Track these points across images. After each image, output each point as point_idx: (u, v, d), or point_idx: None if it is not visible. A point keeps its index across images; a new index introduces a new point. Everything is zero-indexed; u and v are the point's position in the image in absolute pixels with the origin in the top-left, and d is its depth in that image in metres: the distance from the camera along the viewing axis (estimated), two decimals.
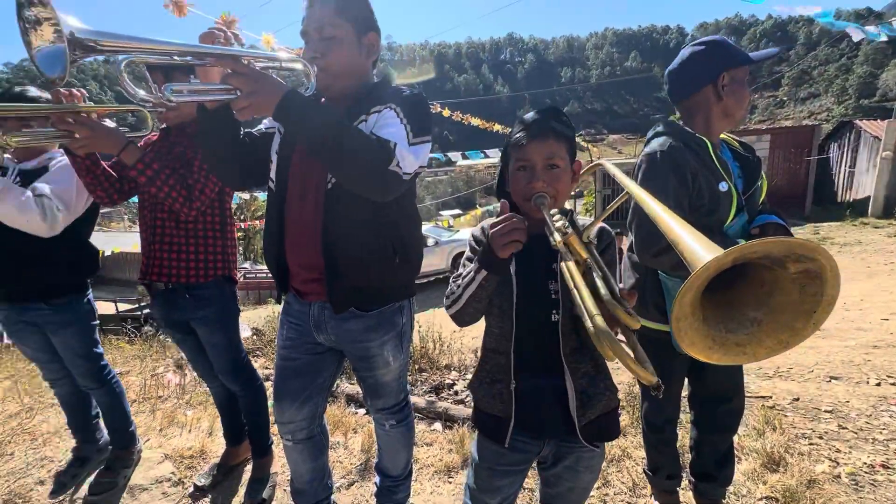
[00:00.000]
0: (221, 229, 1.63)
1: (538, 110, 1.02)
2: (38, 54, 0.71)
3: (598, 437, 1.03)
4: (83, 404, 1.90)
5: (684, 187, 1.28)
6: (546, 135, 0.97)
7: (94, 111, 1.30)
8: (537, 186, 0.96)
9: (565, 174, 0.99)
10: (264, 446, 1.87)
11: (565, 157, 0.99)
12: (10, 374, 3.39)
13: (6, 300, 1.64)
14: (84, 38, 0.68)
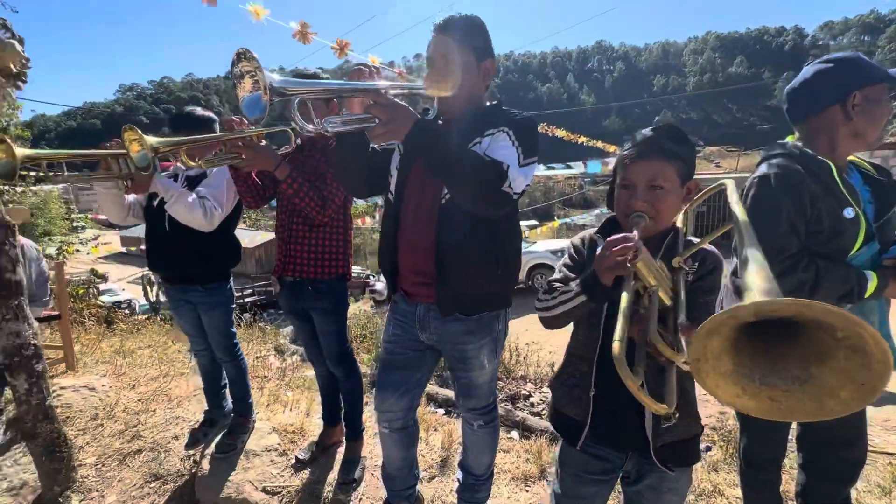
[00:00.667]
0: (343, 233, 1.84)
1: (653, 127, 1.03)
2: (243, 103, 0.92)
3: (674, 461, 1.02)
4: (217, 374, 2.25)
5: (800, 212, 1.21)
6: (652, 154, 0.98)
7: (255, 134, 1.56)
8: (636, 206, 0.98)
9: (670, 195, 0.98)
10: (357, 431, 2.06)
11: (673, 177, 0.98)
12: (150, 344, 4.03)
13: (174, 282, 2.01)
14: (279, 87, 0.87)
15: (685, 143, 1.00)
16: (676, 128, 1.01)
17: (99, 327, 4.99)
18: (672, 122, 1.04)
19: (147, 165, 1.40)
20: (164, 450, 2.25)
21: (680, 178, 0.99)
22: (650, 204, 0.97)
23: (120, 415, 2.59)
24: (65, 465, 2.00)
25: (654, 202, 0.97)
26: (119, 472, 2.14)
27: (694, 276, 0.95)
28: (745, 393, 0.61)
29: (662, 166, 0.97)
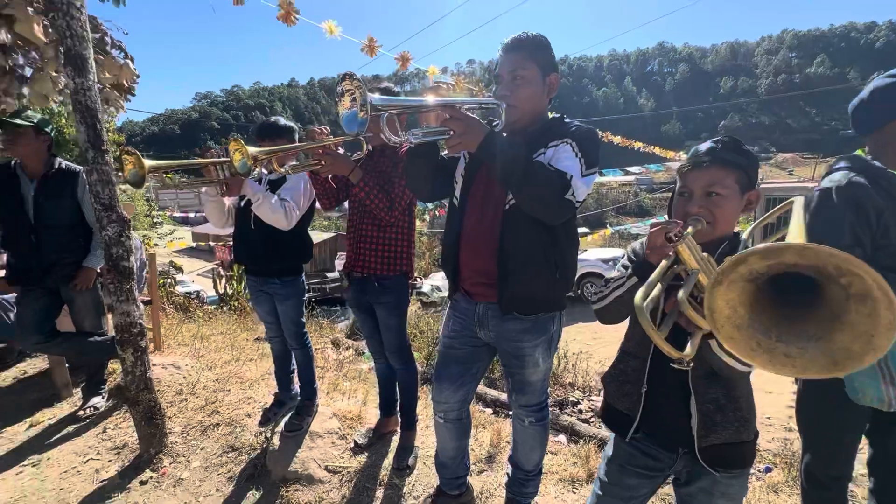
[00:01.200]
0: (408, 234, 1.98)
1: (715, 139, 1.07)
2: (343, 119, 1.07)
3: (722, 464, 1.03)
4: (287, 360, 2.47)
5: (865, 225, 1.20)
6: (710, 164, 1.02)
7: (333, 142, 1.73)
8: (691, 210, 1.02)
9: (728, 202, 1.02)
10: (412, 421, 2.19)
11: (731, 185, 1.01)
12: (223, 331, 4.41)
13: (256, 274, 2.25)
14: (378, 104, 1.01)
15: (745, 153, 1.03)
16: (736, 140, 1.05)
17: (177, 314, 5.51)
18: (732, 136, 1.07)
19: (247, 171, 1.61)
20: (239, 425, 2.49)
21: (738, 186, 1.02)
22: (706, 209, 1.02)
23: (200, 392, 2.89)
24: (159, 431, 2.28)
25: (710, 208, 1.01)
26: (201, 441, 2.40)
27: None
28: (759, 347, 0.65)
29: (720, 174, 1.02)
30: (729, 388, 1.02)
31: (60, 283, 2.48)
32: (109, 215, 2.05)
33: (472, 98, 1.30)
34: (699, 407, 1.02)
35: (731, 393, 1.02)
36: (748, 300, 0.65)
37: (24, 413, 2.74)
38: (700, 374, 1.01)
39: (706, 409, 1.02)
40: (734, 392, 1.02)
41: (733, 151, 1.03)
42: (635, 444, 1.15)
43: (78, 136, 1.97)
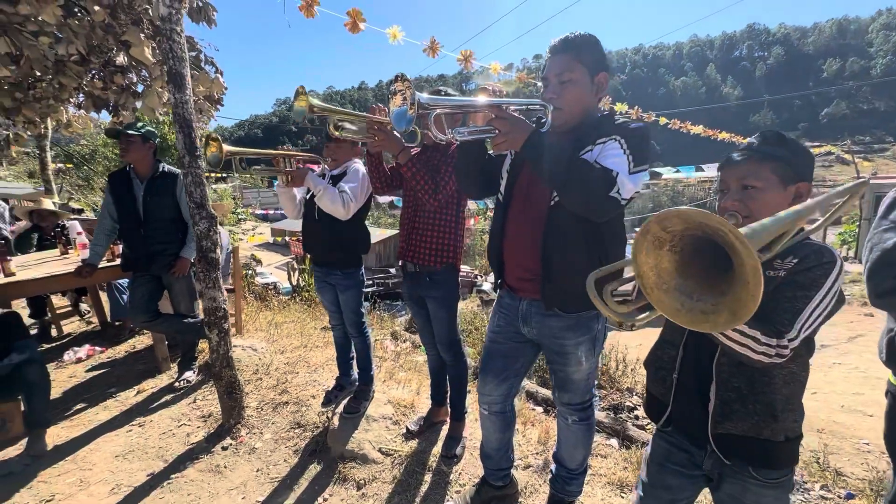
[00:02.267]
0: (455, 227, 2.05)
1: (757, 135, 1.06)
2: (392, 115, 1.17)
3: (736, 455, 1.01)
4: (347, 347, 2.66)
5: None
6: (745, 158, 1.02)
7: (388, 123, 1.83)
8: (725, 204, 1.02)
9: (764, 194, 0.99)
10: (461, 413, 2.26)
11: (768, 177, 0.99)
12: (294, 319, 4.80)
13: (320, 265, 2.45)
14: (425, 102, 1.10)
15: (786, 144, 1.01)
16: (778, 133, 1.03)
17: (256, 302, 6.06)
18: (775, 130, 1.04)
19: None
20: (305, 405, 2.73)
21: (778, 177, 0.99)
22: (742, 203, 1.00)
23: (273, 372, 3.19)
24: (238, 404, 2.57)
25: (746, 201, 1.00)
26: (273, 416, 2.66)
27: (787, 271, 0.93)
28: (682, 308, 0.72)
29: (754, 167, 1.00)
30: (754, 381, 0.99)
31: (162, 270, 2.87)
32: (201, 212, 2.34)
33: (519, 99, 1.33)
34: (718, 394, 1.02)
35: (756, 385, 0.99)
36: (673, 267, 0.74)
37: (133, 381, 3.21)
38: (725, 361, 1.01)
39: (726, 396, 1.01)
40: (761, 385, 0.99)
41: (772, 144, 1.01)
42: (669, 438, 1.16)
43: (176, 143, 2.28)
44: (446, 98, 1.17)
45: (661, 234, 0.72)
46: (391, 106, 1.18)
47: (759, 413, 0.98)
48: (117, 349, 3.86)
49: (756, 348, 0.86)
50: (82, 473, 2.24)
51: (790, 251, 0.96)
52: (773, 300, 0.92)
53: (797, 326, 0.87)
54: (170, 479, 2.16)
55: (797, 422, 1.01)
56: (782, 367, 0.93)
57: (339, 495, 2.02)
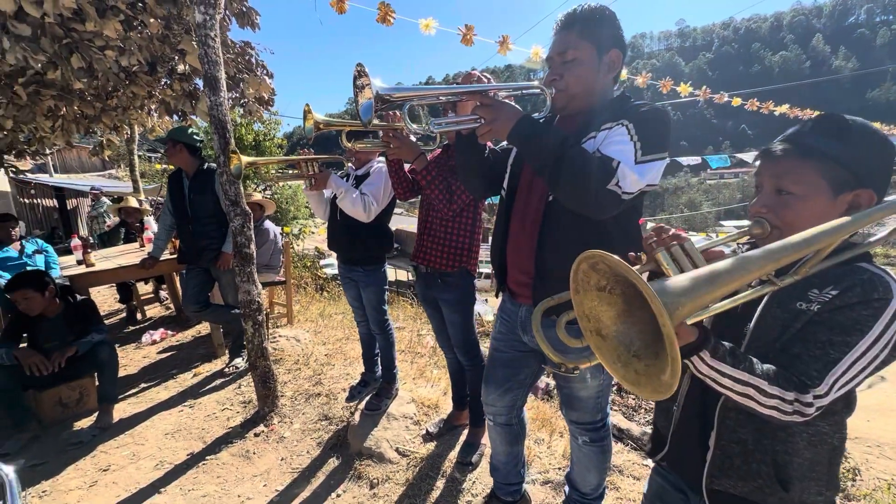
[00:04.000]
0: (471, 230, 1.95)
1: (811, 118, 0.82)
2: (360, 108, 1.09)
3: None
4: (372, 343, 2.66)
5: None
6: (785, 151, 0.79)
7: (402, 129, 1.78)
8: (754, 210, 0.82)
9: (803, 203, 0.77)
10: (479, 418, 2.16)
11: (811, 181, 0.76)
12: (343, 311, 4.95)
13: (343, 262, 2.46)
14: (383, 94, 1.01)
15: (845, 136, 0.75)
16: (839, 118, 0.77)
17: (315, 293, 6.36)
18: (834, 113, 0.78)
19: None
20: (334, 398, 2.79)
21: (827, 181, 0.75)
22: (772, 211, 0.79)
23: (312, 363, 3.30)
24: (272, 393, 2.68)
25: (779, 209, 0.78)
26: (304, 407, 2.75)
27: (823, 306, 0.71)
28: (619, 360, 0.63)
29: (795, 166, 0.77)
30: (764, 435, 0.79)
31: (210, 263, 3.07)
32: (235, 209, 2.45)
33: (510, 83, 1.19)
34: (719, 443, 0.83)
35: (764, 441, 0.78)
36: (614, 311, 0.65)
37: (192, 364, 3.50)
38: (732, 406, 0.80)
39: (728, 448, 0.82)
40: (773, 443, 0.78)
41: (825, 134, 0.76)
42: (666, 475, 1.00)
43: (212, 143, 2.40)
44: (409, 87, 1.07)
45: (593, 274, 0.63)
46: (360, 100, 1.11)
47: (763, 476, 0.78)
48: (185, 333, 4.24)
49: (763, 401, 0.68)
50: (136, 448, 2.47)
51: (832, 278, 0.73)
52: (802, 342, 0.72)
53: (828, 381, 0.67)
54: (205, 461, 2.31)
55: (823, 496, 0.78)
56: (808, 423, 0.73)
57: (352, 492, 2.02)
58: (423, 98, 1.10)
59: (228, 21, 3.24)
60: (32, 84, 3.04)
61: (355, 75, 1.06)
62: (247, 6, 3.13)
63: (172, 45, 3.11)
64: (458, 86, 1.17)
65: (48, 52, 2.48)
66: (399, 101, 1.05)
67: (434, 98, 1.12)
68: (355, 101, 1.07)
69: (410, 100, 1.08)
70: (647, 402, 2.91)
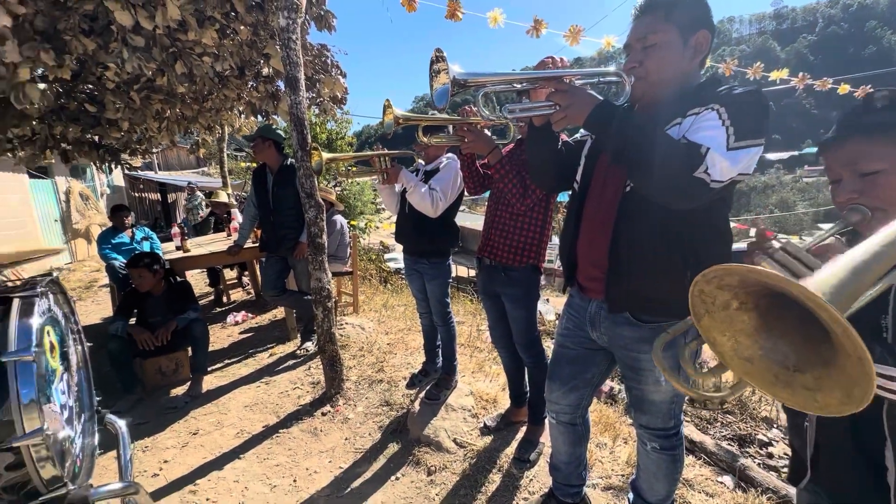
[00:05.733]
0: (541, 226, 1.92)
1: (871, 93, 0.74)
2: (434, 93, 1.11)
3: None
4: (433, 335, 2.72)
5: None
6: (844, 136, 0.75)
7: (479, 122, 1.79)
8: (842, 200, 0.74)
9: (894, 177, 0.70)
10: (539, 416, 2.13)
11: (889, 152, 0.70)
12: (405, 303, 5.09)
13: (409, 254, 2.53)
14: (460, 78, 1.02)
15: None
16: (886, 90, 0.72)
17: (379, 285, 6.60)
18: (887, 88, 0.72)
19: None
20: (395, 385, 2.88)
21: None
22: (865, 194, 0.72)
23: (375, 351, 3.44)
24: (338, 376, 2.83)
25: (870, 191, 0.71)
26: (367, 392, 2.87)
27: None
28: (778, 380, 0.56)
29: (865, 146, 0.72)
30: None
31: (287, 252, 3.30)
32: (310, 201, 2.61)
33: (587, 69, 1.15)
34: None
35: None
36: (752, 327, 0.56)
37: (268, 344, 3.79)
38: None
39: None
40: None
41: (881, 110, 0.71)
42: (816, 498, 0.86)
43: (291, 139, 2.57)
44: (486, 73, 1.06)
45: (719, 292, 0.56)
46: (435, 85, 1.12)
47: None
48: (263, 317, 4.60)
49: None
50: (220, 416, 2.73)
51: None
52: None
53: None
54: (278, 433, 2.50)
55: None
56: None
57: (410, 476, 2.08)
58: (498, 83, 1.10)
59: (308, 25, 3.44)
60: (144, 90, 3.45)
61: (432, 60, 1.08)
62: (325, 10, 3.30)
63: (259, 50, 3.36)
64: (532, 72, 1.15)
65: (157, 60, 2.79)
66: (474, 86, 1.05)
67: (508, 84, 1.11)
68: (430, 87, 1.10)
69: (484, 85, 1.08)
70: (722, 414, 2.69)
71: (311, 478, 2.13)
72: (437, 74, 1.10)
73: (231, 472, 2.19)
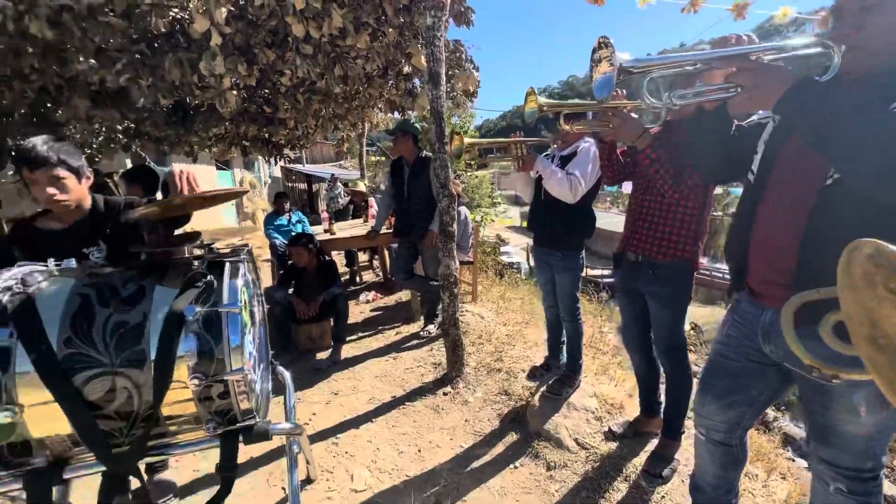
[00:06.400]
0: (698, 217, 1.73)
1: None
2: (595, 83, 1.07)
3: None
4: (558, 330, 2.66)
5: None
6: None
7: (628, 105, 1.65)
8: None
9: None
10: (676, 430, 1.94)
11: None
12: (522, 297, 5.07)
13: (541, 244, 2.48)
14: (627, 66, 0.96)
15: None
16: None
17: (494, 277, 6.67)
18: None
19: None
20: (514, 376, 2.89)
21: None
22: None
23: (494, 340, 3.49)
24: (459, 360, 2.94)
25: None
26: (486, 379, 2.93)
27: None
28: None
29: None
30: None
31: (417, 239, 3.52)
32: (444, 191, 2.74)
33: (777, 43, 1.00)
34: None
35: None
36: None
37: (395, 323, 4.11)
38: None
39: None
40: None
41: None
42: None
43: (429, 132, 2.72)
44: (656, 57, 0.98)
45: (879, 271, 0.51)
46: (595, 75, 1.07)
47: None
48: (390, 298, 4.99)
49: None
50: (355, 382, 3.05)
51: None
52: None
53: None
54: (404, 405, 2.70)
55: None
56: None
57: (529, 468, 2.07)
58: (668, 68, 1.01)
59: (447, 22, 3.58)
60: (307, 92, 3.97)
61: (595, 47, 1.04)
62: (465, 6, 3.40)
63: (402, 50, 3.61)
64: (710, 51, 1.04)
65: (321, 65, 3.18)
66: (639, 73, 0.99)
67: (679, 67, 1.02)
68: (590, 76, 1.06)
69: (651, 71, 1.00)
70: None
71: (434, 451, 2.26)
72: (598, 63, 1.05)
73: (365, 433, 2.44)
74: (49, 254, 1.32)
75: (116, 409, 1.20)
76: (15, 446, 1.16)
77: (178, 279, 1.35)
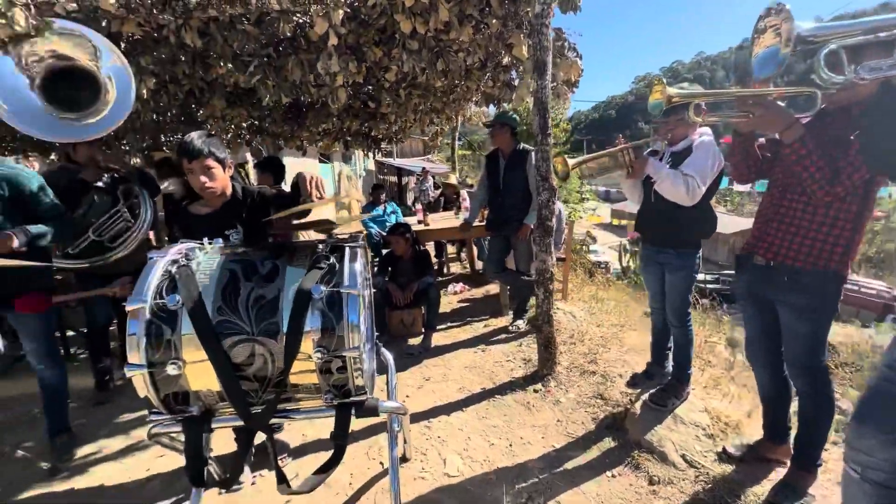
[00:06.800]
0: (855, 220, 1.48)
1: None
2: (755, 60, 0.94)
3: None
4: (665, 335, 2.46)
5: None
6: None
7: (774, 93, 1.40)
8: None
9: None
10: (811, 461, 1.70)
11: None
12: (615, 298, 4.79)
13: (652, 243, 2.31)
14: (807, 35, 0.83)
15: None
16: None
17: (584, 275, 6.39)
18: None
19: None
20: (611, 380, 2.74)
21: None
22: None
23: (587, 341, 3.34)
24: (551, 358, 2.87)
25: None
26: (579, 380, 2.82)
27: None
28: None
29: None
30: None
31: (511, 232, 3.48)
32: (544, 184, 2.67)
33: None
34: None
35: None
36: None
37: (483, 316, 4.12)
38: None
39: None
40: None
41: None
42: None
43: (532, 123, 2.66)
44: (846, 23, 0.82)
45: None
46: (756, 48, 0.94)
47: None
48: (478, 290, 5.03)
49: None
50: (446, 370, 3.12)
51: None
52: None
53: None
54: (494, 398, 2.70)
55: None
56: None
57: (628, 479, 1.95)
58: (856, 35, 0.86)
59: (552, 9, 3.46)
60: (409, 87, 4.10)
61: (762, 14, 0.91)
62: None
63: (504, 41, 3.56)
64: None
65: (425, 60, 3.26)
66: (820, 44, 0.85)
67: (871, 34, 0.86)
68: (750, 52, 0.94)
69: (829, 41, 0.86)
70: None
71: (525, 447, 2.23)
72: (762, 34, 0.92)
73: (456, 420, 2.49)
74: (200, 234, 1.52)
75: (254, 373, 1.35)
76: (177, 395, 1.36)
77: (305, 260, 1.48)
